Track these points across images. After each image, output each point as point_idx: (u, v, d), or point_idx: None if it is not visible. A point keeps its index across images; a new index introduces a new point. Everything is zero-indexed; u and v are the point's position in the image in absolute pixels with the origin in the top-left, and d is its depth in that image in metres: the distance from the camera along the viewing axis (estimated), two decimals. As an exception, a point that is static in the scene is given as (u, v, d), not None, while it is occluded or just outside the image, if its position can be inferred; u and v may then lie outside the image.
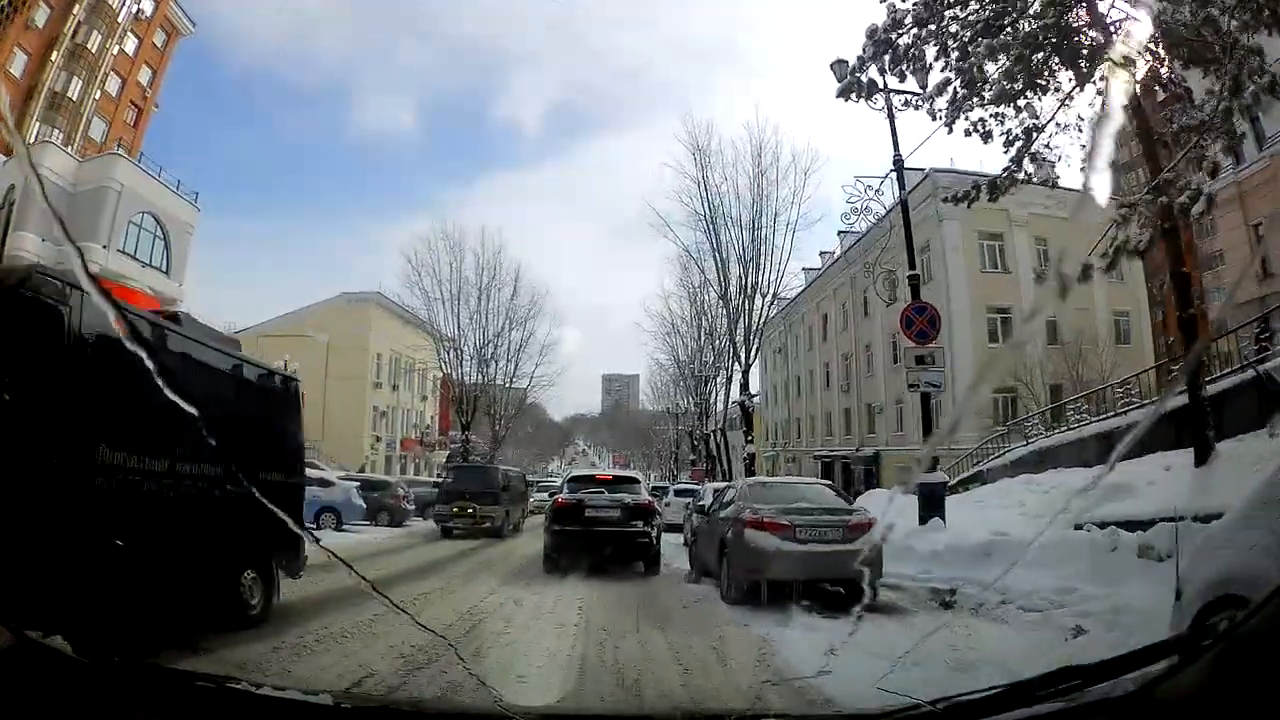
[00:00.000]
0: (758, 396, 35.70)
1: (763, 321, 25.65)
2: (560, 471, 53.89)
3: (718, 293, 26.38)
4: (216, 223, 79.84)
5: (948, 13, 10.27)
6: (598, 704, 3.89)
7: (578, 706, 3.82)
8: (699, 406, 35.90)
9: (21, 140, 1.11)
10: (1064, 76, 10.30)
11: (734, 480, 10.32)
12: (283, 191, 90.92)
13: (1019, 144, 11.12)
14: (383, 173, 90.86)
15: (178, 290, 27.31)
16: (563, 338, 54.51)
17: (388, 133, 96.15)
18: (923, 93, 10.92)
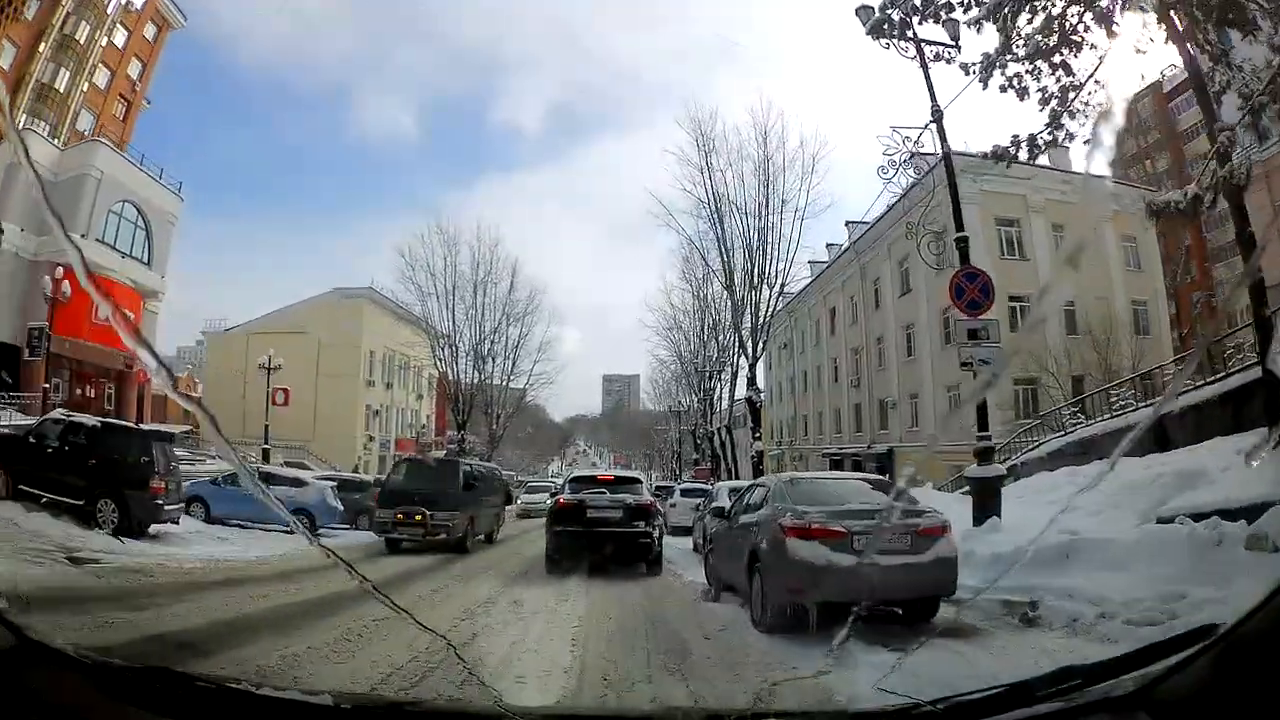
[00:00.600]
0: (762, 394, 34.67)
1: (770, 313, 24.68)
2: (561, 472, 53.78)
3: (722, 283, 25.52)
4: (214, 221, 80.00)
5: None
6: (597, 704, 3.85)
7: (577, 707, 3.77)
8: (702, 403, 34.98)
9: (15, 131, 1.14)
10: (1100, 34, 9.56)
11: (762, 478, 8.81)
12: (280, 192, 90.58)
13: (1054, 102, 10.39)
14: (382, 173, 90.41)
15: (159, 282, 26.36)
16: (562, 336, 53.92)
17: (386, 134, 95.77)
18: (954, 43, 10.11)
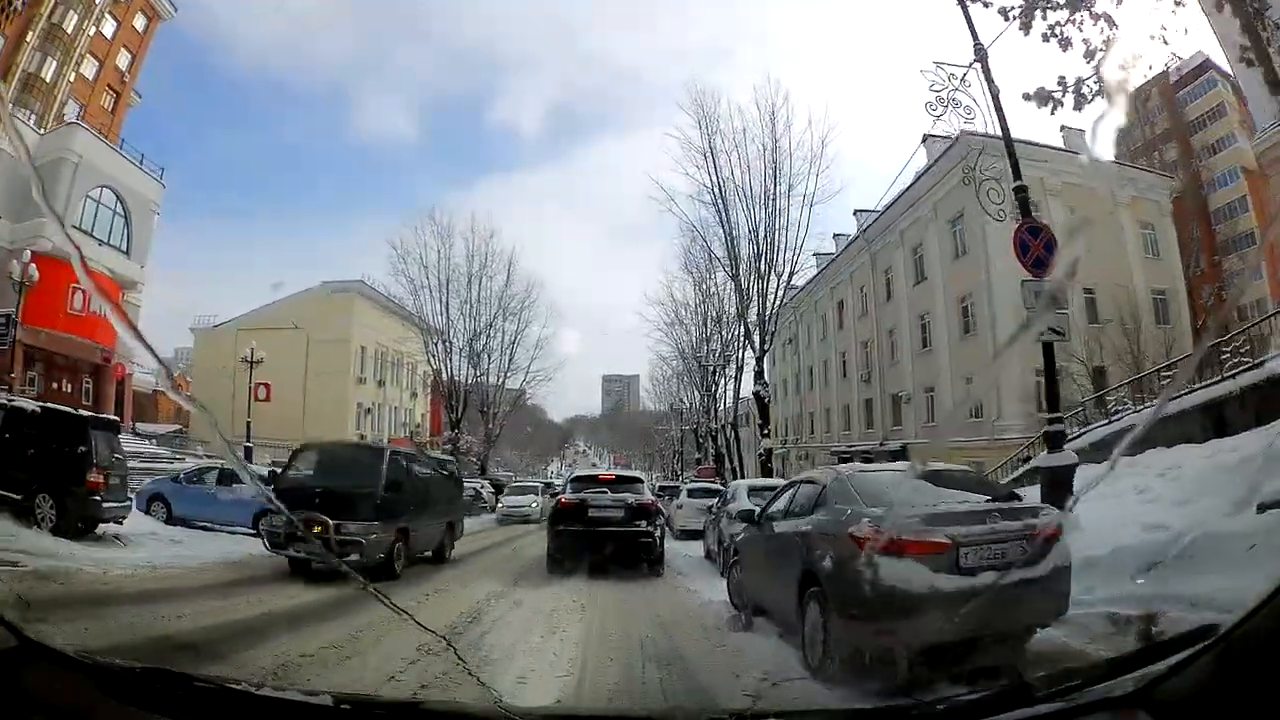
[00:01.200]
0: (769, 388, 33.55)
1: (778, 303, 23.65)
2: (561, 472, 53.18)
3: (727, 272, 24.46)
4: (212, 219, 79.06)
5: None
6: (597, 704, 3.85)
7: (577, 706, 3.74)
8: (705, 398, 33.93)
9: (10, 119, 1.24)
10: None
11: (809, 473, 6.63)
12: (277, 191, 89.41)
13: (1100, 56, 9.52)
14: (382, 173, 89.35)
15: (139, 273, 25.16)
16: (560, 331, 52.82)
17: (385, 134, 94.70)
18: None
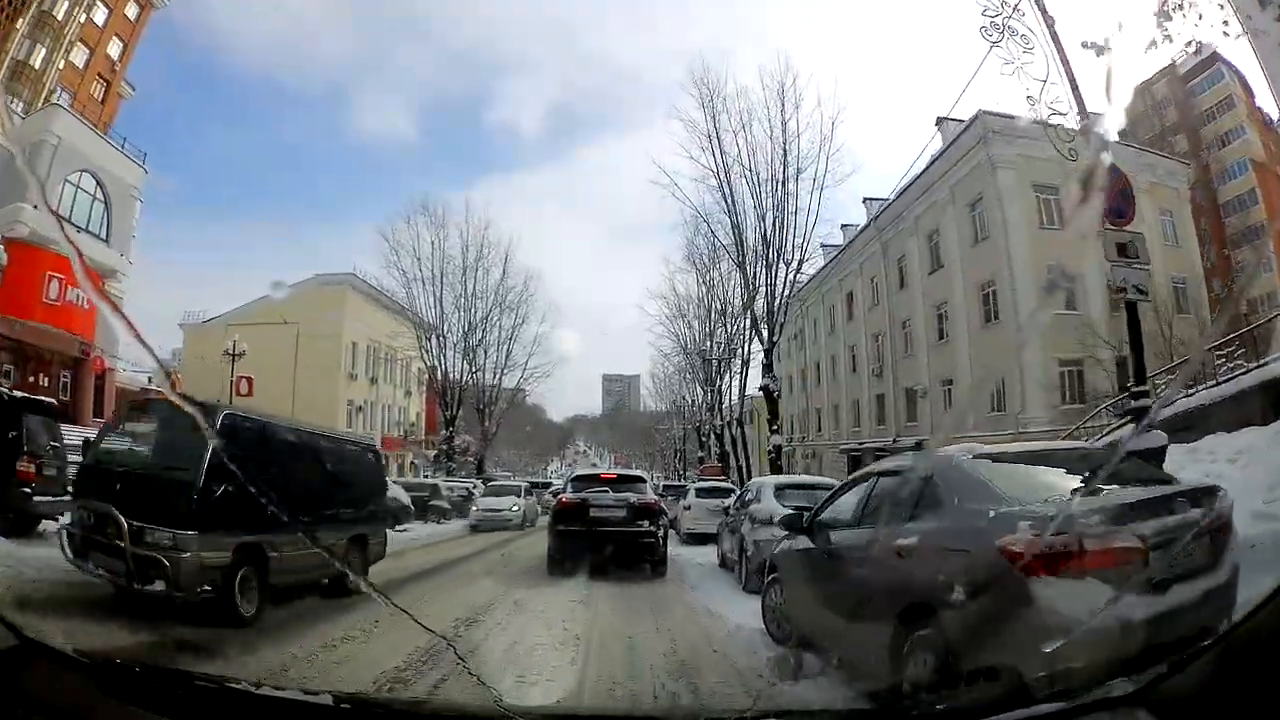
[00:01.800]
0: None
1: (788, 293, 22.70)
2: (561, 472, 52.59)
3: (734, 259, 23.50)
4: (209, 217, 77.62)
5: None
6: (597, 704, 3.85)
7: (577, 707, 3.74)
8: (709, 394, 33.04)
9: (5, 107, 1.38)
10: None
11: (894, 461, 5.31)
12: (274, 190, 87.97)
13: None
14: (382, 173, 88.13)
15: (119, 261, 24.02)
16: (560, 329, 51.98)
17: (384, 134, 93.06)
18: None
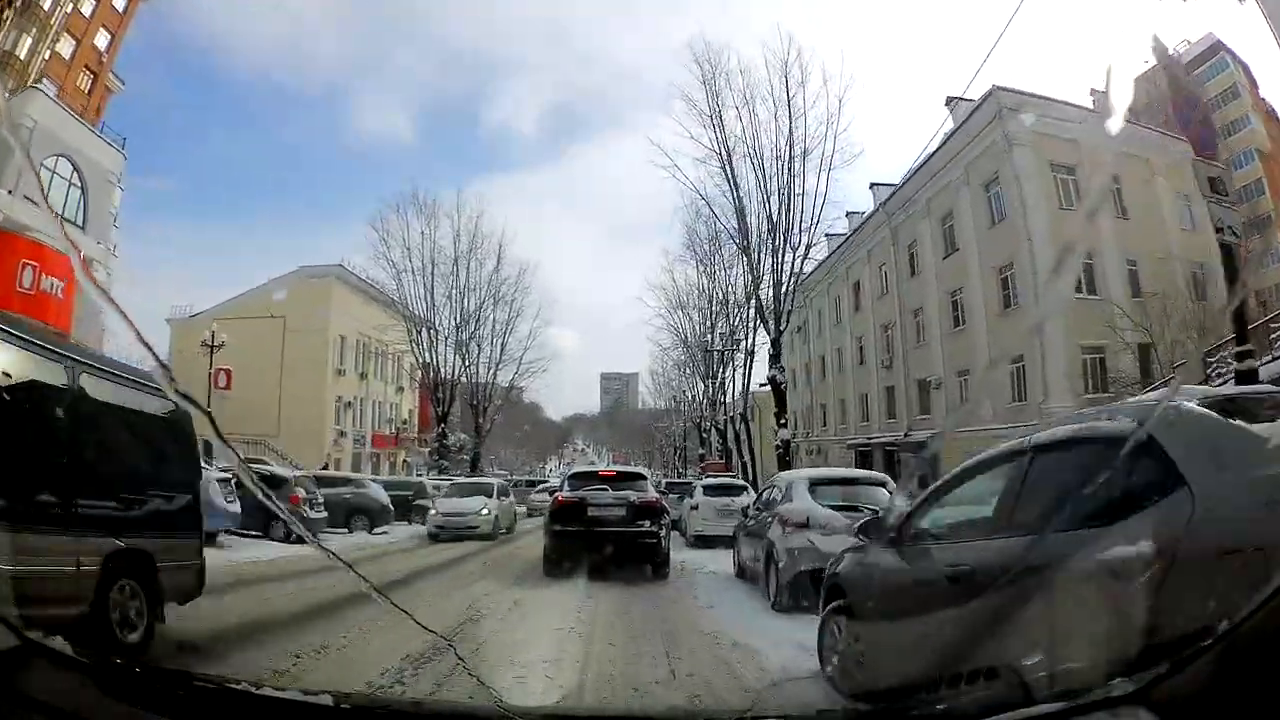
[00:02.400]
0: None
1: (796, 279, 21.84)
2: (559, 471, 51.84)
3: (738, 244, 22.59)
4: (207, 215, 76.63)
5: None
6: (597, 704, 3.89)
7: (577, 707, 3.74)
8: (711, 388, 32.18)
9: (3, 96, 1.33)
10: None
11: (1019, 442, 2.95)
12: (273, 189, 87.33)
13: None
14: (382, 173, 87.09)
15: (97, 249, 23.03)
16: (558, 326, 51.42)
17: (382, 134, 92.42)
18: None
